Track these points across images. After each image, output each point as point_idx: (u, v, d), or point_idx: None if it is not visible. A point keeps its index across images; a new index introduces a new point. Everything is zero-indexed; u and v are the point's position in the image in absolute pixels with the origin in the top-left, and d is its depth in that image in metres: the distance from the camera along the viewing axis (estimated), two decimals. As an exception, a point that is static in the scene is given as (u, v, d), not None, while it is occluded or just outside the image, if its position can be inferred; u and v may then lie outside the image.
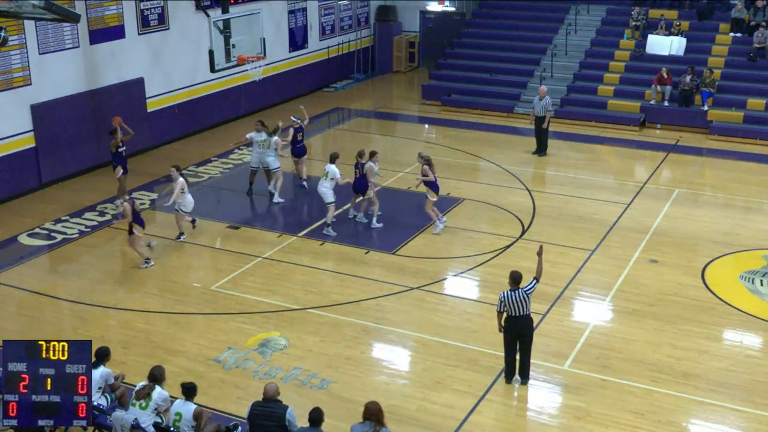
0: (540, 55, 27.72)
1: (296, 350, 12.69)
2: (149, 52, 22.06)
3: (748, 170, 21.10)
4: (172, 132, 23.07)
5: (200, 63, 21.40)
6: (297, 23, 27.85)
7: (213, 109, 24.33)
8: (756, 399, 11.46)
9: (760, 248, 16.27)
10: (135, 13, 21.40)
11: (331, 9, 29.67)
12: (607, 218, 17.68)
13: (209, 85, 23.81)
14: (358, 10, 31.28)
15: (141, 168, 20.90)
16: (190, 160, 21.64)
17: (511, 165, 21.12)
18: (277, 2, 26.53)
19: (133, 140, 21.40)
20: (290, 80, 27.58)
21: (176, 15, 22.63)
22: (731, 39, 26.38)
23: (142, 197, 19.09)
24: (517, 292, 11.39)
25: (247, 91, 25.07)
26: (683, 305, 14.05)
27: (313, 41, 28.82)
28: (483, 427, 10.86)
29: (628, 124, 24.69)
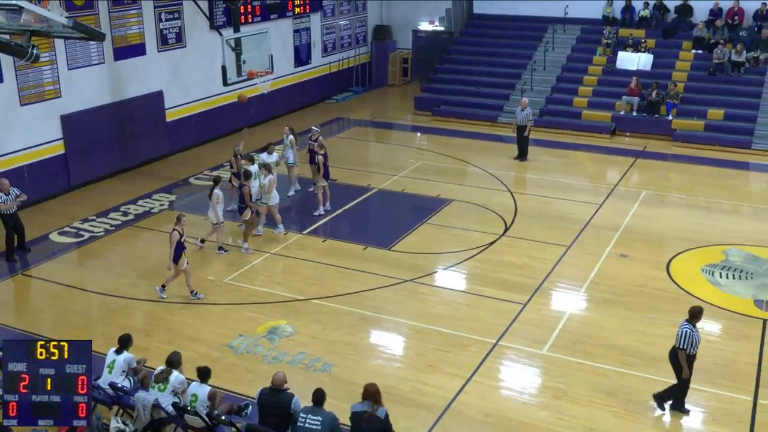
0: (521, 70, 27.70)
1: (301, 337, 12.67)
2: (168, 67, 22.01)
3: (709, 174, 21.09)
4: (189, 140, 23.01)
5: (214, 77, 21.32)
6: (301, 41, 27.83)
7: (226, 118, 24.26)
8: (716, 380, 11.46)
9: (720, 244, 16.26)
10: (155, 33, 21.36)
11: (333, 28, 29.64)
12: (582, 217, 17.66)
13: (222, 97, 23.74)
14: (357, 29, 31.27)
15: (160, 172, 20.92)
16: (205, 164, 21.60)
17: (495, 169, 21.10)
18: (284, 22, 26.51)
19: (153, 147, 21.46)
20: (295, 93, 27.56)
21: (192, 34, 22.60)
22: (693, 55, 26.37)
23: (162, 199, 19.05)
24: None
25: (256, 102, 25.01)
26: (650, 295, 14.05)
27: (316, 57, 28.79)
28: (470, 406, 10.84)
29: (600, 132, 24.67)
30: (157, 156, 21.85)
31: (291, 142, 18.87)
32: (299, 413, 9.05)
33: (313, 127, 19.29)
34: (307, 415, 8.95)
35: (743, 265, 15.31)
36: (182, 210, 18.28)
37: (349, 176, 20.41)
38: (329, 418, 8.96)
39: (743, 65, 25.32)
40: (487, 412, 10.72)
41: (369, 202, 19.06)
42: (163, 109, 21.96)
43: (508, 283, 14.43)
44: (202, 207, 18.48)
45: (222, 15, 23.44)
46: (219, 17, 23.37)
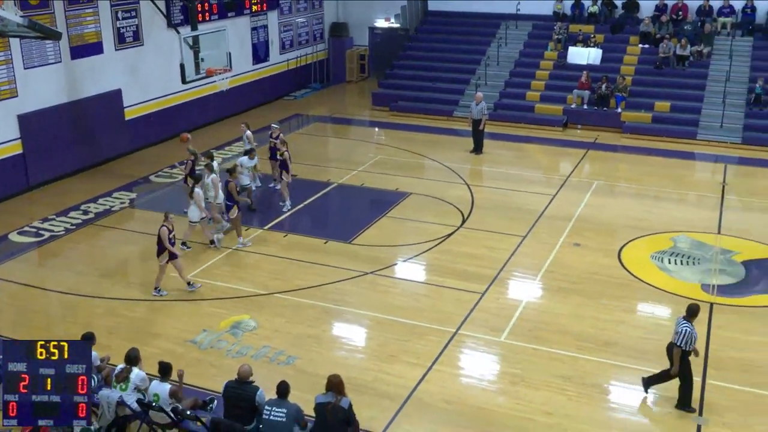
0: (475, 65, 27.87)
1: (264, 331, 12.61)
2: (126, 65, 21.66)
3: (657, 164, 21.47)
4: (149, 138, 22.69)
5: (173, 75, 21.06)
6: (259, 39, 27.62)
7: (185, 116, 23.97)
8: (666, 362, 11.63)
9: (668, 231, 16.58)
10: (112, 31, 21.00)
11: (290, 26, 29.47)
12: (536, 208, 17.85)
13: (181, 95, 23.47)
14: (314, 26, 31.13)
15: (120, 171, 20.61)
16: (165, 162, 21.32)
17: (452, 162, 21.21)
18: (241, 20, 26.28)
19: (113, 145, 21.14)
20: (254, 90, 27.35)
21: (150, 32, 22.26)
22: (640, 50, 26.80)
23: (122, 197, 18.79)
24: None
25: (215, 100, 24.79)
26: (603, 282, 14.26)
27: (274, 55, 28.60)
28: (431, 394, 10.91)
29: (552, 125, 24.95)
30: (117, 154, 21.50)
31: (249, 138, 18.75)
32: (264, 406, 9.03)
33: (272, 125, 19.19)
34: (272, 407, 8.94)
35: (690, 252, 15.63)
36: (143, 208, 18.17)
37: (309, 172, 20.33)
38: (294, 409, 8.96)
39: (688, 59, 25.82)
40: (448, 399, 10.80)
41: (329, 196, 19.03)
42: (121, 107, 21.60)
43: (466, 274, 14.53)
44: (162, 205, 18.28)
45: (179, 13, 23.13)
46: (176, 15, 23.07)
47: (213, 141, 22.84)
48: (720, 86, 24.56)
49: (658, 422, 10.35)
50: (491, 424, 10.22)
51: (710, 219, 17.34)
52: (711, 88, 24.82)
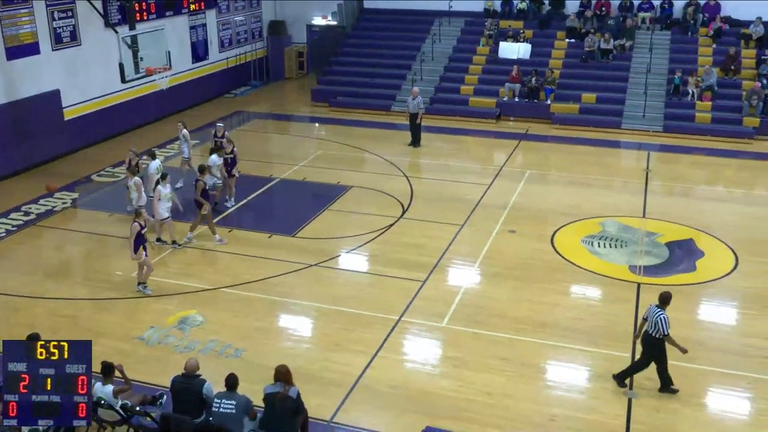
0: (411, 61, 27.94)
1: (212, 325, 12.44)
2: (64, 66, 21.00)
3: (585, 153, 21.91)
4: (89, 138, 22.08)
5: (112, 75, 20.53)
6: (198, 37, 27.14)
7: (125, 115, 23.43)
8: (598, 341, 11.97)
9: (597, 216, 16.94)
10: (48, 31, 20.33)
11: (228, 24, 29.04)
12: (473, 197, 18.03)
13: (121, 94, 22.90)
14: (252, 24, 30.75)
15: (61, 171, 20.02)
16: (107, 162, 20.80)
17: (391, 156, 21.24)
18: (179, 19, 25.77)
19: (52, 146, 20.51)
20: (194, 88, 26.88)
21: (87, 32, 21.62)
22: (567, 44, 27.28)
23: (64, 197, 18.26)
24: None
25: (155, 98, 24.27)
26: (537, 267, 14.49)
27: (214, 53, 28.16)
28: (377, 380, 10.93)
29: (486, 117, 25.21)
30: (57, 155, 20.87)
31: (185, 136, 18.42)
32: (213, 398, 8.92)
33: (217, 123, 18.91)
34: (222, 399, 8.84)
35: (618, 235, 16.01)
36: (86, 207, 17.68)
37: (251, 168, 20.08)
38: (243, 401, 8.87)
39: (611, 52, 26.38)
40: (393, 384, 10.83)
41: (272, 191, 18.85)
42: (60, 107, 20.94)
43: (407, 263, 14.59)
44: (105, 204, 17.89)
45: (117, 13, 22.54)
46: (114, 15, 22.47)
47: (154, 140, 22.38)
48: (641, 78, 25.18)
49: (593, 398, 10.59)
50: (435, 407, 10.30)
51: (635, 204, 17.79)
52: (633, 80, 25.43)
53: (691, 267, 14.59)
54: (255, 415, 9.02)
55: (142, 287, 13.50)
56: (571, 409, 10.33)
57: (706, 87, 24.20)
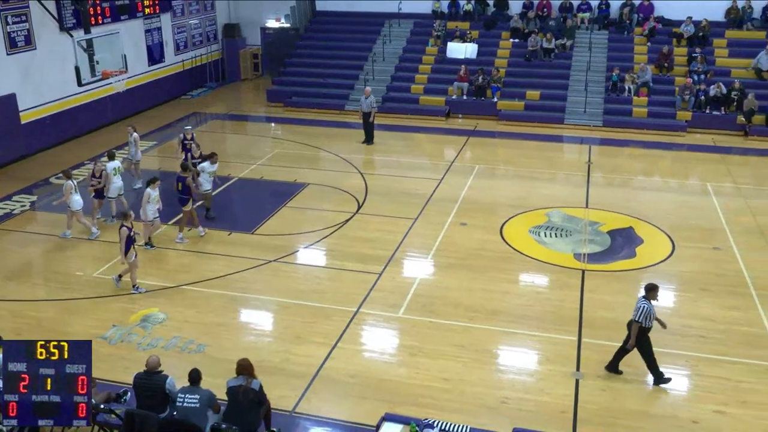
0: (363, 61, 27.91)
1: (174, 322, 12.28)
2: (19, 70, 20.42)
3: (530, 147, 22.20)
4: (47, 140, 21.55)
5: (68, 78, 20.05)
6: (154, 41, 26.67)
7: (83, 118, 22.92)
8: (547, 325, 12.16)
9: (543, 208, 17.20)
10: (2, 35, 19.74)
11: (184, 27, 28.61)
12: (425, 192, 18.12)
13: (78, 97, 22.39)
14: (207, 27, 30.35)
15: (18, 174, 19.51)
16: (65, 164, 20.26)
17: (346, 153, 21.22)
18: (134, 22, 25.27)
19: (9, 149, 19.98)
20: (151, 90, 26.43)
21: (42, 36, 21.06)
22: (511, 44, 27.56)
23: (23, 200, 17.80)
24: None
25: (113, 101, 23.80)
26: (488, 257, 14.65)
27: (169, 56, 27.71)
28: (337, 370, 10.93)
29: (436, 115, 25.34)
30: (14, 158, 20.32)
31: (135, 140, 18.13)
32: (177, 393, 8.81)
33: (186, 127, 18.59)
34: (185, 394, 8.74)
35: (563, 225, 16.28)
36: (45, 210, 17.23)
37: (209, 167, 19.84)
38: (206, 395, 8.79)
39: (553, 51, 26.75)
40: (353, 374, 10.85)
41: (231, 190, 18.65)
42: (16, 111, 20.37)
43: (364, 256, 14.61)
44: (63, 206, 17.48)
45: (72, 17, 22.00)
46: (68, 19, 21.91)
47: (113, 142, 21.90)
48: (582, 75, 25.60)
49: (542, 380, 10.76)
50: (394, 394, 10.35)
51: (579, 195, 18.11)
52: (574, 78, 25.84)
53: (631, 253, 14.91)
54: (219, 408, 8.94)
55: (136, 289, 13.23)
56: (522, 391, 10.48)
57: (642, 83, 24.73)
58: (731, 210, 17.13)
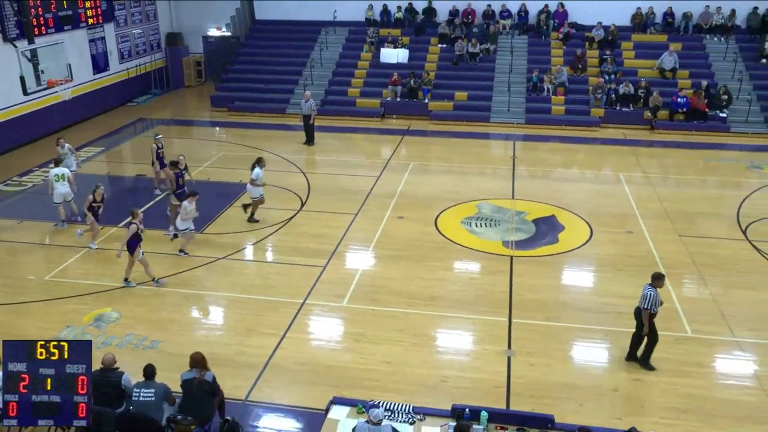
0: (301, 67, 27.69)
1: (128, 320, 11.95)
2: (-37, 80, 19.54)
3: (460, 144, 22.43)
4: (-6, 149, 20.68)
5: (14, 87, 19.22)
6: (98, 50, 25.83)
7: (31, 126, 22.03)
8: (481, 308, 12.33)
9: (473, 200, 17.40)
10: (-55, 47, 18.83)
11: (127, 37, 27.79)
12: (364, 188, 18.11)
13: (24, 105, 21.50)
14: (151, 36, 29.56)
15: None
16: (14, 171, 19.51)
17: (288, 154, 21.02)
18: (78, 32, 24.42)
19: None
20: (97, 98, 25.61)
21: (-15, 47, 20.18)
22: (440, 49, 27.77)
23: (-29, 207, 17.04)
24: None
25: (59, 109, 22.95)
26: (425, 247, 14.74)
27: (114, 64, 26.89)
28: (286, 359, 10.85)
29: (372, 116, 25.35)
30: (-38, 167, 19.42)
31: (70, 148, 17.43)
32: (133, 388, 8.59)
33: (156, 135, 17.78)
34: (141, 389, 8.52)
35: (492, 215, 16.51)
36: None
37: (157, 171, 19.37)
38: (161, 389, 8.59)
39: (478, 55, 27.08)
40: (301, 361, 10.78)
41: (178, 192, 18.21)
42: (-38, 120, 19.49)
43: (308, 251, 14.51)
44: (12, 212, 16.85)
45: (15, 27, 21.09)
46: (12, 30, 20.99)
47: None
48: (505, 77, 25.99)
49: (477, 358, 10.90)
50: (341, 378, 10.32)
51: (505, 187, 18.39)
52: (498, 79, 26.21)
53: (554, 239, 15.24)
54: (174, 400, 8.75)
55: (156, 282, 12.98)
56: (459, 370, 10.60)
57: (559, 84, 25.28)
58: (641, 197, 17.69)
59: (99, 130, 23.62)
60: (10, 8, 20.62)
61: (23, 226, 15.86)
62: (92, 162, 20.43)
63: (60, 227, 15.59)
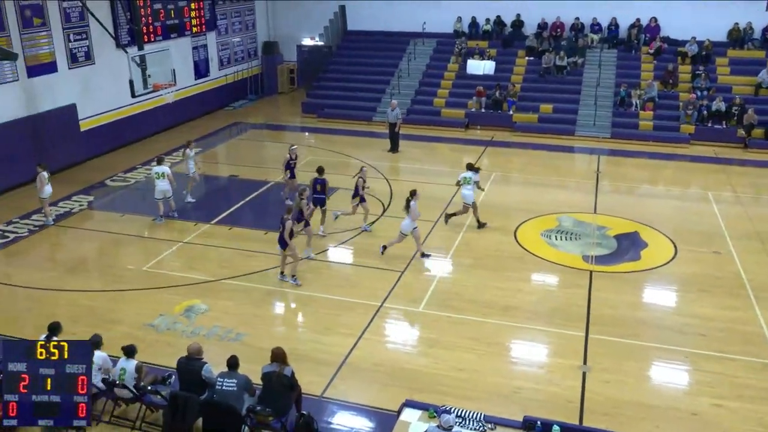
0: (389, 77, 27.94)
1: (215, 312, 12.39)
2: (79, 82, 20.78)
3: (543, 156, 22.03)
4: (103, 147, 21.89)
5: (123, 90, 20.32)
6: (200, 57, 26.97)
7: (136, 126, 23.24)
8: (556, 321, 12.06)
9: (554, 213, 17.06)
10: (65, 51, 20.12)
11: (227, 45, 28.87)
12: (445, 197, 18.06)
13: (132, 107, 22.71)
14: (249, 45, 30.59)
15: (77, 177, 19.81)
16: (119, 168, 20.63)
17: (372, 160, 21.23)
18: (183, 40, 25.58)
19: (69, 154, 20.31)
20: (197, 102, 26.71)
21: (100, 52, 21.42)
22: (526, 61, 27.40)
23: (81, 200, 18.09)
24: None
25: (162, 111, 24.11)
26: (502, 258, 14.56)
27: (214, 70, 27.98)
28: (362, 359, 10.95)
29: (456, 126, 25.28)
30: (74, 162, 20.65)
31: (193, 154, 17.93)
32: (216, 378, 8.89)
33: (291, 147, 17.80)
34: (224, 378, 8.81)
35: (572, 229, 16.13)
36: (99, 209, 17.49)
37: (249, 172, 20.05)
38: (243, 379, 8.85)
39: (565, 68, 26.55)
40: (376, 362, 10.85)
41: (267, 194, 18.78)
42: (76, 120, 20.73)
43: (388, 255, 14.59)
44: (117, 205, 17.78)
45: (126, 35, 22.34)
46: (124, 37, 22.26)
47: (162, 148, 22.26)
48: (592, 91, 25.36)
49: (551, 371, 10.67)
50: (414, 381, 10.33)
51: (588, 201, 17.93)
52: (585, 93, 25.60)
53: (636, 256, 14.73)
54: (254, 391, 9.00)
55: (292, 280, 13.32)
56: (533, 381, 10.40)
57: (648, 98, 24.43)
58: (730, 217, 16.85)
59: (197, 132, 24.61)
60: (123, 17, 21.86)
61: (125, 219, 16.73)
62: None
63: (158, 222, 16.35)
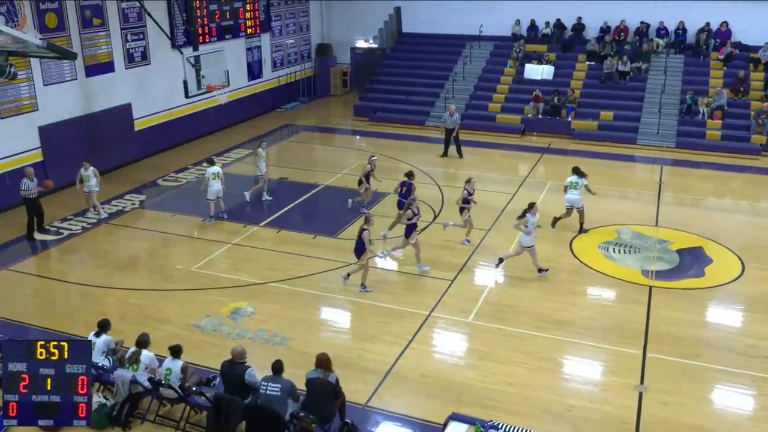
0: (444, 80, 27.89)
1: (261, 315, 12.55)
2: (135, 82, 21.44)
3: (602, 165, 21.61)
4: (156, 146, 22.50)
5: (177, 90, 20.84)
6: (254, 58, 27.46)
7: (188, 127, 23.81)
8: (612, 338, 11.79)
9: (612, 224, 16.71)
10: (122, 52, 20.78)
11: (281, 46, 29.32)
12: (499, 204, 17.90)
13: (185, 108, 23.28)
14: (302, 47, 31.00)
15: (130, 176, 20.41)
16: (171, 168, 21.15)
17: (424, 166, 21.20)
18: (237, 41, 26.10)
19: (123, 153, 20.88)
20: (249, 103, 27.19)
21: (156, 53, 22.05)
22: (587, 66, 26.96)
23: (133, 199, 18.61)
24: None
25: (215, 112, 24.63)
26: (557, 269, 14.32)
27: (267, 72, 28.44)
28: (408, 369, 10.91)
29: (512, 132, 25.03)
30: (127, 161, 21.29)
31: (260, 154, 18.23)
32: (260, 382, 8.99)
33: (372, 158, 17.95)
34: (268, 383, 8.91)
35: (632, 242, 15.76)
36: (151, 208, 17.97)
37: (298, 175, 20.28)
38: (287, 384, 8.93)
39: (628, 74, 26.01)
40: (423, 373, 10.80)
41: (317, 197, 18.96)
42: (131, 119, 21.38)
43: (438, 263, 14.54)
44: (168, 205, 18.21)
45: (182, 36, 22.93)
46: (179, 38, 22.86)
47: (214, 149, 22.74)
48: (656, 98, 24.76)
49: (606, 390, 10.43)
50: (461, 394, 10.24)
51: (649, 213, 17.49)
52: (649, 100, 25.03)
53: (700, 273, 14.30)
54: (298, 397, 9.07)
55: (362, 288, 13.36)
56: (586, 400, 10.18)
57: (717, 107, 23.71)
58: (804, 234, 16.19)
59: (249, 133, 25.06)
60: (180, 18, 22.45)
61: (176, 218, 17.13)
62: (240, 163, 21.69)
63: (208, 223, 16.68)
